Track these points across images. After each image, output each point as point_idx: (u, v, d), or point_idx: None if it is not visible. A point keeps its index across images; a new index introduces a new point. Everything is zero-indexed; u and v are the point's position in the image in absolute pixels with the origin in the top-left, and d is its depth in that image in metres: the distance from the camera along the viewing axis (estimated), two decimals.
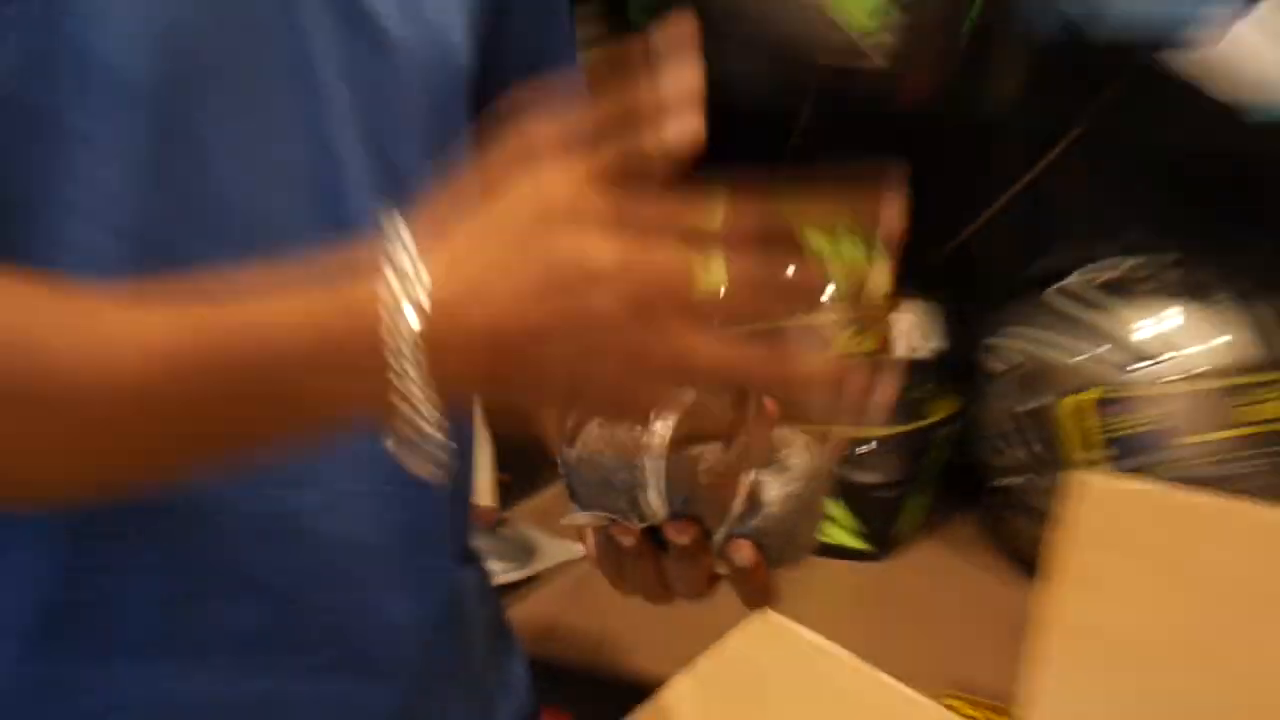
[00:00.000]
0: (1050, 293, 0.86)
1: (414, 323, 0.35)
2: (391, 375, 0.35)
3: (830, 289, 0.44)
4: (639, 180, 0.36)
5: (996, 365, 0.87)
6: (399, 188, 0.54)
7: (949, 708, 0.58)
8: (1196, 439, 0.76)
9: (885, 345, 0.56)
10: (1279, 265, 0.85)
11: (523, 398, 0.46)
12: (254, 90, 0.54)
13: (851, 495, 0.89)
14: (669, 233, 0.37)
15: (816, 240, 0.42)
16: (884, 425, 0.89)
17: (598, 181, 0.36)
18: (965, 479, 0.93)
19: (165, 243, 0.49)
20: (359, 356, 0.36)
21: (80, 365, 0.39)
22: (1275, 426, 0.76)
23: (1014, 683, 0.56)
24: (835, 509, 0.89)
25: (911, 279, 0.81)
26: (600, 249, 0.35)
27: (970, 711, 0.69)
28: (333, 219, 0.55)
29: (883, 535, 0.91)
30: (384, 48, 0.57)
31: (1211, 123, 0.77)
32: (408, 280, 0.35)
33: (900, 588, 0.91)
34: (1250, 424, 0.76)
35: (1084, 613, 0.54)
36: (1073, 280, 0.85)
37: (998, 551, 0.91)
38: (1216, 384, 0.77)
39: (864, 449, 0.89)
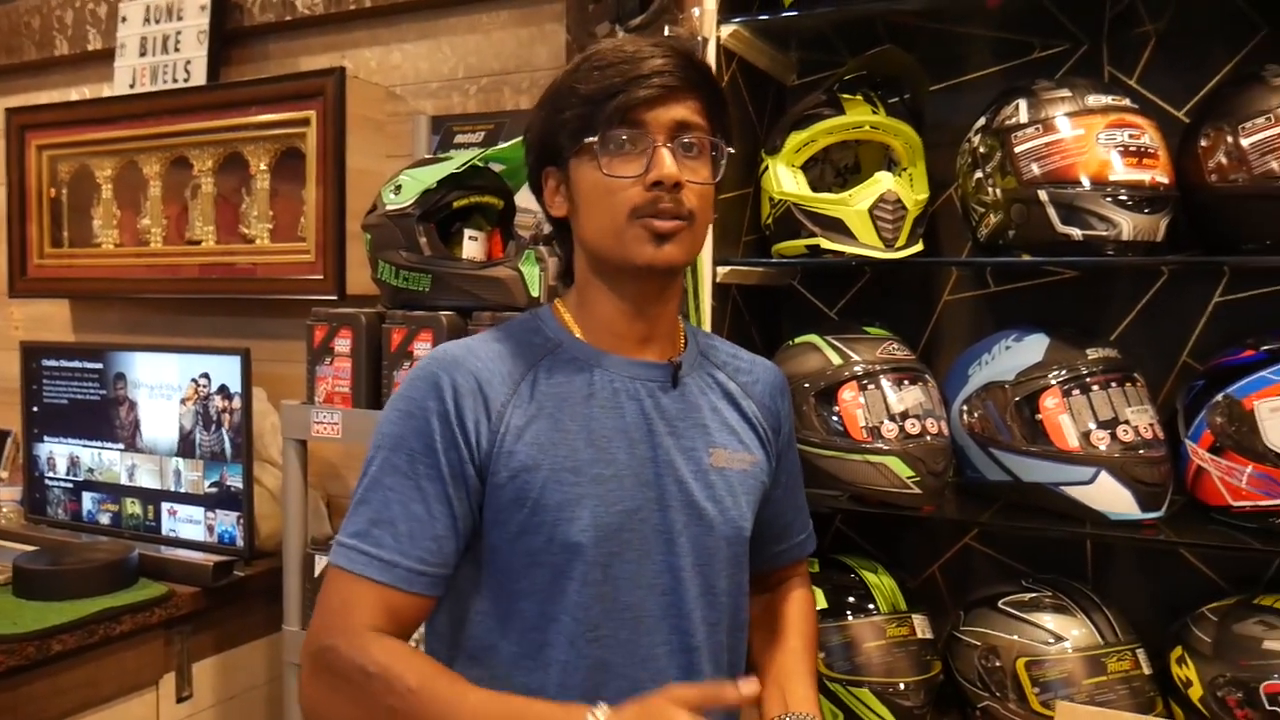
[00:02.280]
0: (993, 606, 1.56)
1: None
2: None
3: None
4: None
5: (968, 640, 1.55)
6: (713, 595, 1.10)
7: None
8: (1087, 682, 1.44)
9: None
10: None
11: None
12: (645, 546, 1.05)
13: None
14: None
15: None
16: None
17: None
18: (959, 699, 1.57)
19: (592, 623, 1.03)
20: None
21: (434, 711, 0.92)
22: (1124, 675, 1.45)
23: None
24: None
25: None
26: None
27: None
28: (676, 612, 1.07)
29: None
30: (709, 528, 1.10)
31: None
32: None
33: None
34: (1112, 673, 1.45)
35: None
36: (1005, 600, 1.55)
37: None
38: (1089, 652, 1.46)
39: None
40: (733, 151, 1.09)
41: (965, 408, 1.56)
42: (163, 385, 2.20)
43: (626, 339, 1.11)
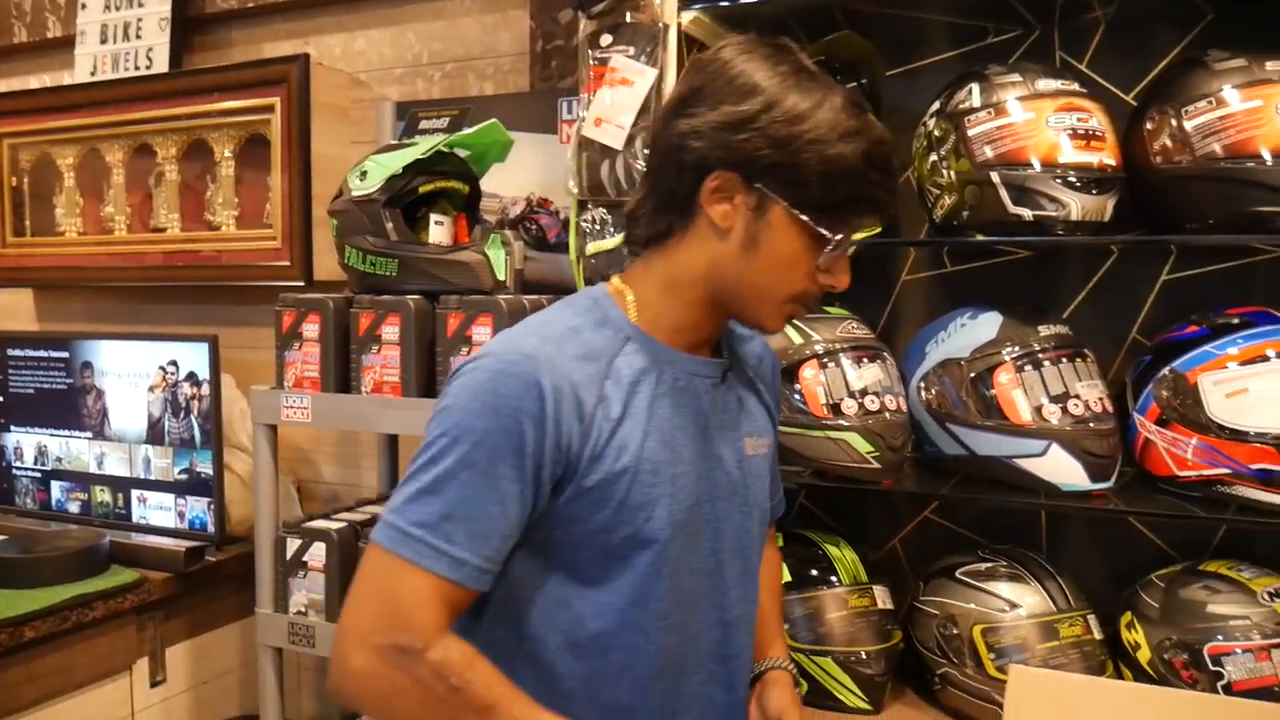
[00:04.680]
0: (951, 576, 1.61)
1: None
2: None
3: None
4: None
5: (927, 610, 1.60)
6: (749, 573, 1.17)
7: None
8: (1041, 647, 1.49)
9: None
10: None
11: None
12: (699, 535, 1.11)
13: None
14: None
15: None
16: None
17: None
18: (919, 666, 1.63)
19: (663, 612, 1.06)
20: None
21: None
22: (1076, 640, 1.50)
23: None
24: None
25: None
26: None
27: None
28: (717, 592, 1.13)
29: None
30: (748, 513, 1.17)
31: None
32: None
33: None
34: (1064, 639, 1.50)
35: None
36: (962, 570, 1.60)
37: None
38: (1042, 619, 1.52)
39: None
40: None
41: (923, 384, 1.61)
42: (130, 373, 2.21)
43: (690, 339, 1.11)
